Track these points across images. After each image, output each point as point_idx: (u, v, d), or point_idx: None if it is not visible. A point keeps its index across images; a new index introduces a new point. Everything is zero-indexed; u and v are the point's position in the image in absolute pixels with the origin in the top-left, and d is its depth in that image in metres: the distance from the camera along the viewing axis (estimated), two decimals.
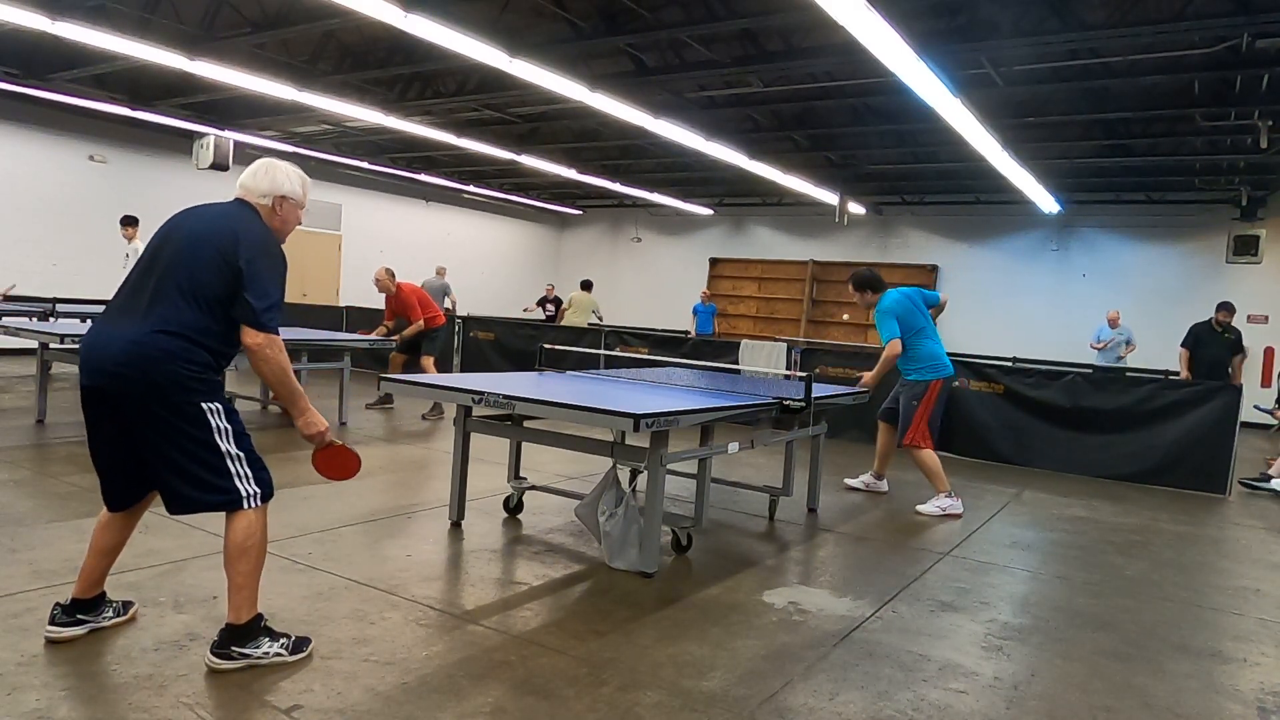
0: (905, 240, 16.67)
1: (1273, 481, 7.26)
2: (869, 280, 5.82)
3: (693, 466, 4.48)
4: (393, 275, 8.75)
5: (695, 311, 16.32)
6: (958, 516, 5.57)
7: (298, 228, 2.99)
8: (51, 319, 9.32)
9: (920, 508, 5.66)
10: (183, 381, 2.57)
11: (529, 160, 13.40)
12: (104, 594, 2.89)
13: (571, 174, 14.51)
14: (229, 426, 2.66)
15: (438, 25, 6.69)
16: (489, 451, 5.40)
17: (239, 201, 2.81)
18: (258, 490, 2.69)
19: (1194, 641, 3.56)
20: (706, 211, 18.47)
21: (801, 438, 5.13)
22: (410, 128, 11.42)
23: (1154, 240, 14.51)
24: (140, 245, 9.55)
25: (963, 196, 15.46)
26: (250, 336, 2.61)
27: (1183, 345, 9.30)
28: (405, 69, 9.41)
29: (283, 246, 2.82)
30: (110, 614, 2.92)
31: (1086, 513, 6.08)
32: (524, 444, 4.84)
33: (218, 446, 2.63)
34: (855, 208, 15.01)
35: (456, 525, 4.54)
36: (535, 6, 7.54)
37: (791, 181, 13.46)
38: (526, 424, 4.53)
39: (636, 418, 3.36)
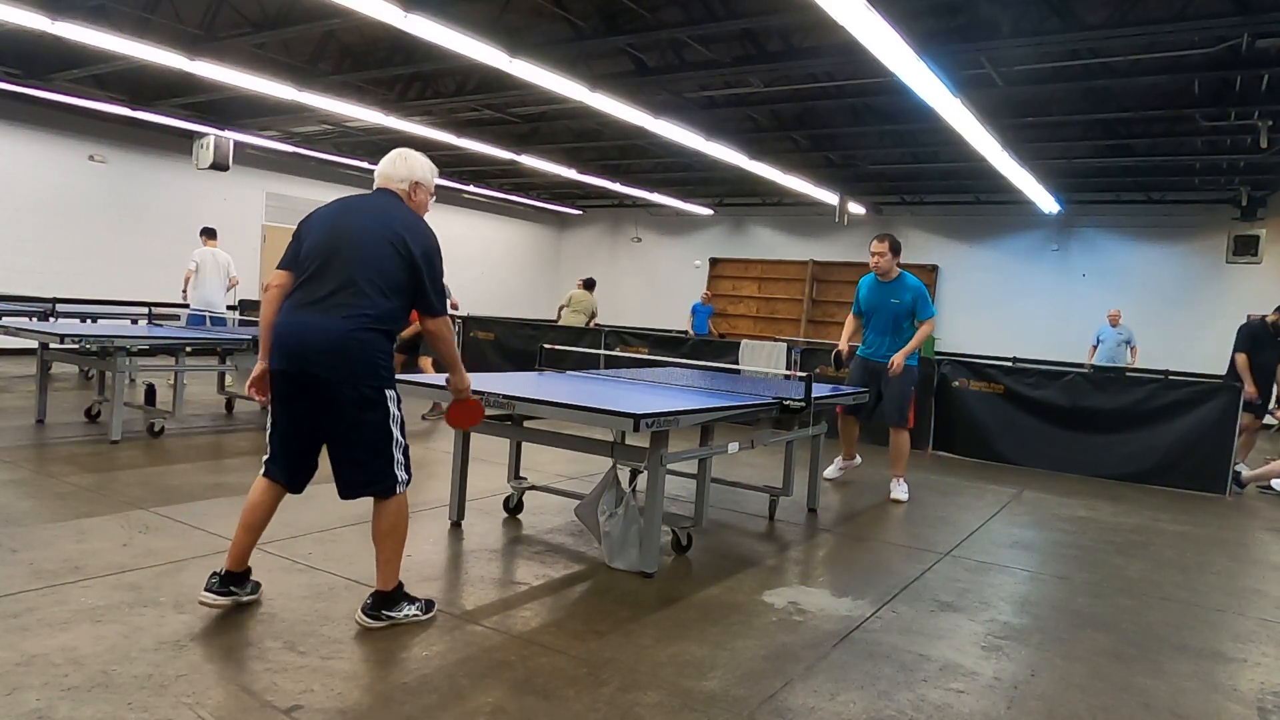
0: (905, 240, 16.40)
1: (1274, 483, 7.26)
2: (900, 248, 6.14)
3: (693, 466, 4.48)
4: None
5: (694, 311, 16.34)
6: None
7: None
8: (51, 319, 9.33)
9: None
10: (377, 370, 2.86)
11: (529, 160, 13.40)
12: (249, 570, 3.11)
13: (571, 174, 14.50)
14: (400, 414, 2.96)
15: (438, 25, 6.69)
16: (489, 451, 5.38)
17: (383, 191, 3.07)
18: (407, 478, 3.03)
19: (1194, 641, 3.57)
20: (706, 211, 18.46)
21: (801, 438, 5.13)
22: (410, 128, 11.41)
23: (1154, 240, 14.50)
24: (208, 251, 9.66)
25: (963, 196, 15.45)
26: (430, 323, 2.99)
27: (1240, 350, 7.70)
28: (405, 69, 9.41)
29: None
30: (249, 590, 3.13)
31: (1086, 513, 6.08)
32: (524, 444, 4.84)
33: (391, 433, 2.92)
34: (855, 208, 15.01)
35: (456, 525, 4.54)
36: (535, 6, 7.53)
37: (791, 181, 13.45)
38: (526, 424, 4.52)
39: (636, 418, 3.37)
